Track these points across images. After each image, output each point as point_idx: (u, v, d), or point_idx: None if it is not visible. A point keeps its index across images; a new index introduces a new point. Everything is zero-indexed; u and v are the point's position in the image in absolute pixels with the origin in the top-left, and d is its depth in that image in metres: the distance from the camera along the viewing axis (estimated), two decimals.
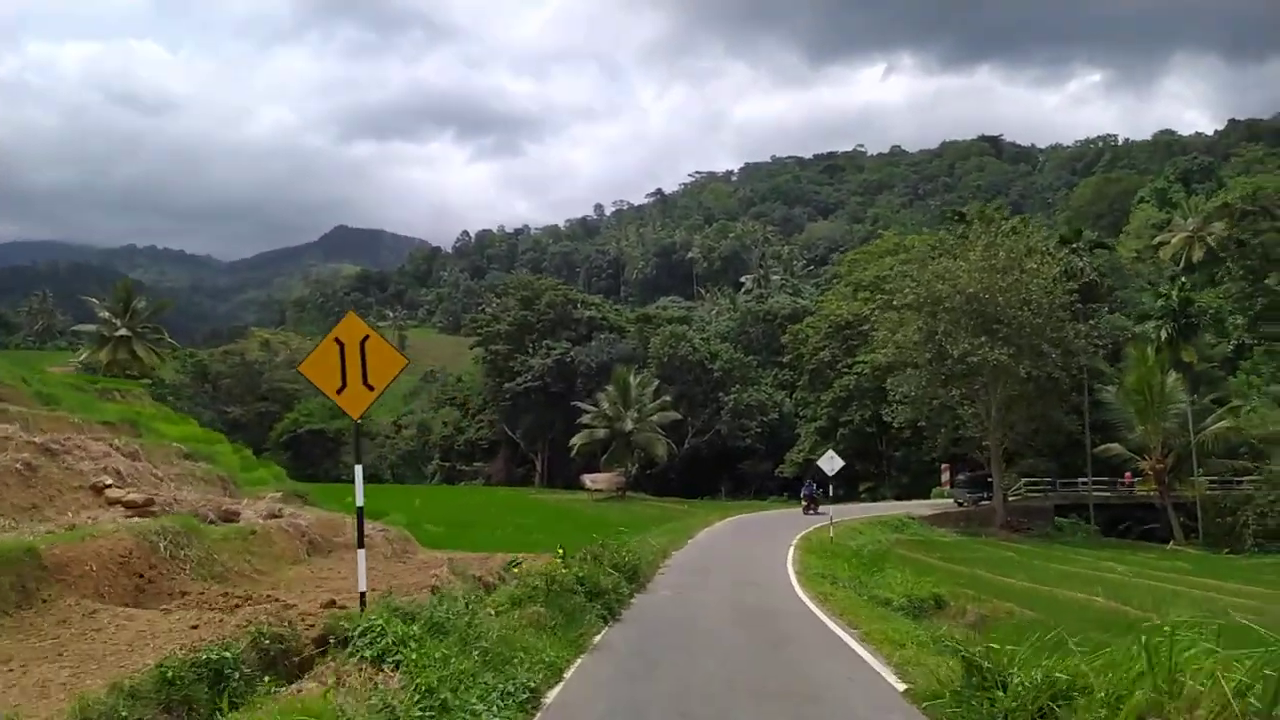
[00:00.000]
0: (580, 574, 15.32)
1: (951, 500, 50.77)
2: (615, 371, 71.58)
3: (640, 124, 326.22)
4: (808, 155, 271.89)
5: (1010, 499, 47.52)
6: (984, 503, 46.45)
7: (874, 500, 72.66)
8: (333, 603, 10.82)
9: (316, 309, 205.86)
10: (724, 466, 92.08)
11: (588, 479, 67.72)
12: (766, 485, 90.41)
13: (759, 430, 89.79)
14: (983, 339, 42.46)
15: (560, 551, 17.06)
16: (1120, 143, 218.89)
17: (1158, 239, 76.17)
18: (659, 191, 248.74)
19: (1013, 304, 42.67)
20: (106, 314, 76.57)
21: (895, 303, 46.24)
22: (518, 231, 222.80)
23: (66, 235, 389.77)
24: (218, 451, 33.09)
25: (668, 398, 72.38)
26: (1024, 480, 49.97)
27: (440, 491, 76.69)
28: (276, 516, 16.68)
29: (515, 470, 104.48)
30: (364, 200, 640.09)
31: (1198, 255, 72.93)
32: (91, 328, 78.46)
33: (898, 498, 70.50)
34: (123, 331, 75.96)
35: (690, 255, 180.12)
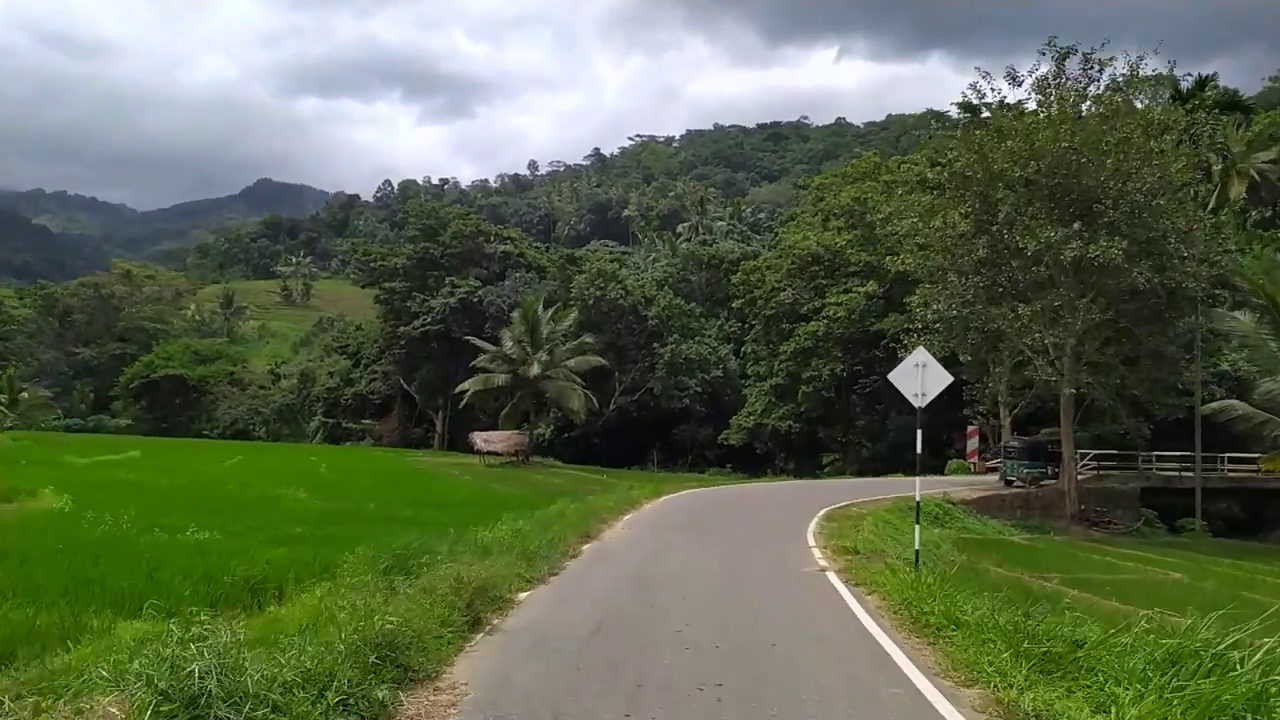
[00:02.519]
0: None
1: (989, 476, 34.46)
2: (524, 301, 53.80)
3: (595, 94, 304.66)
4: (752, 125, 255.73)
5: (1079, 478, 31.14)
6: (1047, 482, 30.23)
7: (839, 475, 56.47)
8: None
9: (221, 255, 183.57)
10: (657, 431, 75.26)
11: (479, 438, 50.14)
12: (705, 455, 73.76)
13: (699, 390, 72.96)
14: (1075, 227, 25.95)
15: None
16: None
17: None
18: (596, 151, 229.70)
19: (1119, 176, 26.29)
20: None
21: (930, 177, 29.32)
22: (444, 182, 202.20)
23: None
24: None
25: (589, 338, 54.89)
26: (1091, 453, 33.54)
27: (288, 451, 58.04)
28: None
29: (411, 430, 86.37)
30: (302, 157, 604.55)
31: (1236, 191, 57.61)
32: None
33: (862, 473, 54.57)
34: None
35: (626, 212, 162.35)
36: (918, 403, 13.55)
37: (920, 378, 13.46)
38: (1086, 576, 18.06)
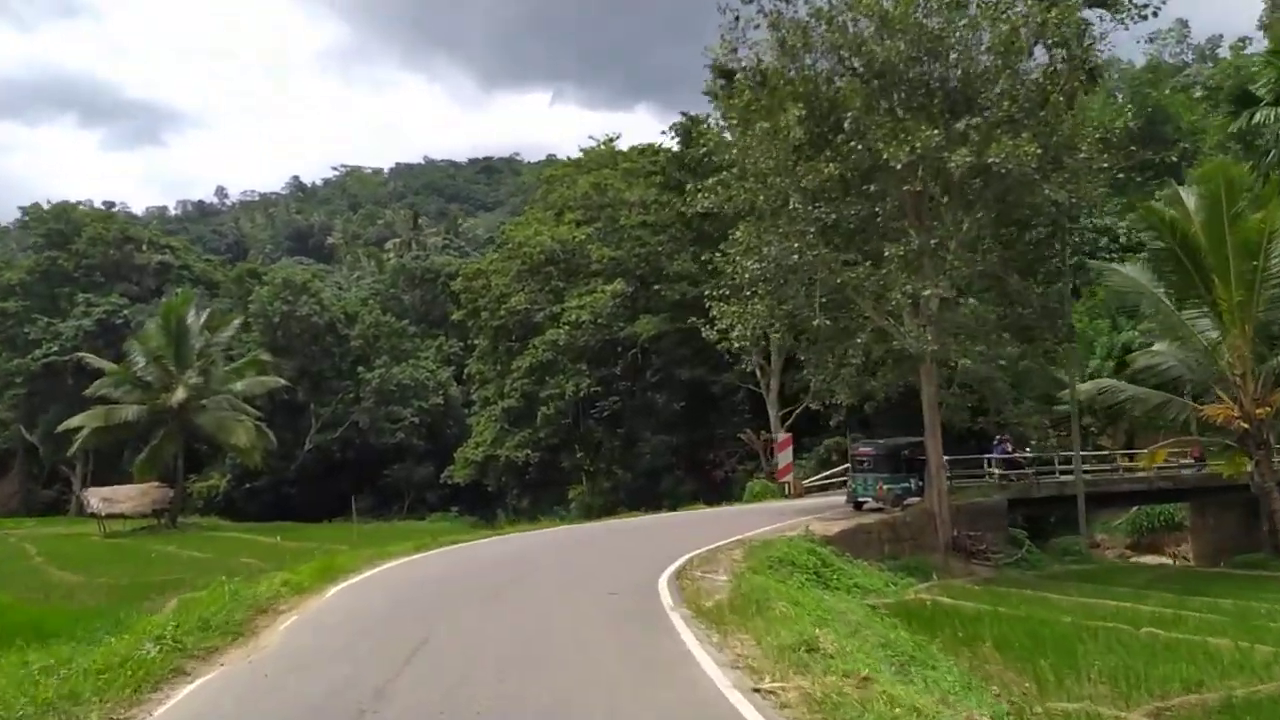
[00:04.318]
0: None
1: (811, 500, 24.90)
2: (163, 304, 38.62)
3: (302, 128, 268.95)
4: (464, 160, 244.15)
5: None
6: (911, 501, 21.18)
7: (589, 516, 46.00)
8: None
9: None
10: (367, 474, 61.05)
11: (94, 498, 34.21)
12: (425, 498, 60.65)
13: (415, 421, 60.07)
14: (961, 127, 17.25)
15: None
16: None
17: None
18: (296, 179, 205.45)
19: (1008, 58, 18.10)
20: None
21: (743, 70, 19.54)
22: (110, 206, 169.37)
23: None
24: None
25: (266, 354, 40.59)
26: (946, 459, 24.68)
27: None
28: None
29: (39, 493, 65.27)
30: None
31: None
32: None
33: (612, 510, 45.06)
34: None
35: (331, 240, 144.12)
36: None
37: None
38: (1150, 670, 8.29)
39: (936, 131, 16.99)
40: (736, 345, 20.85)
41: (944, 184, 17.91)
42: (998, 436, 24.12)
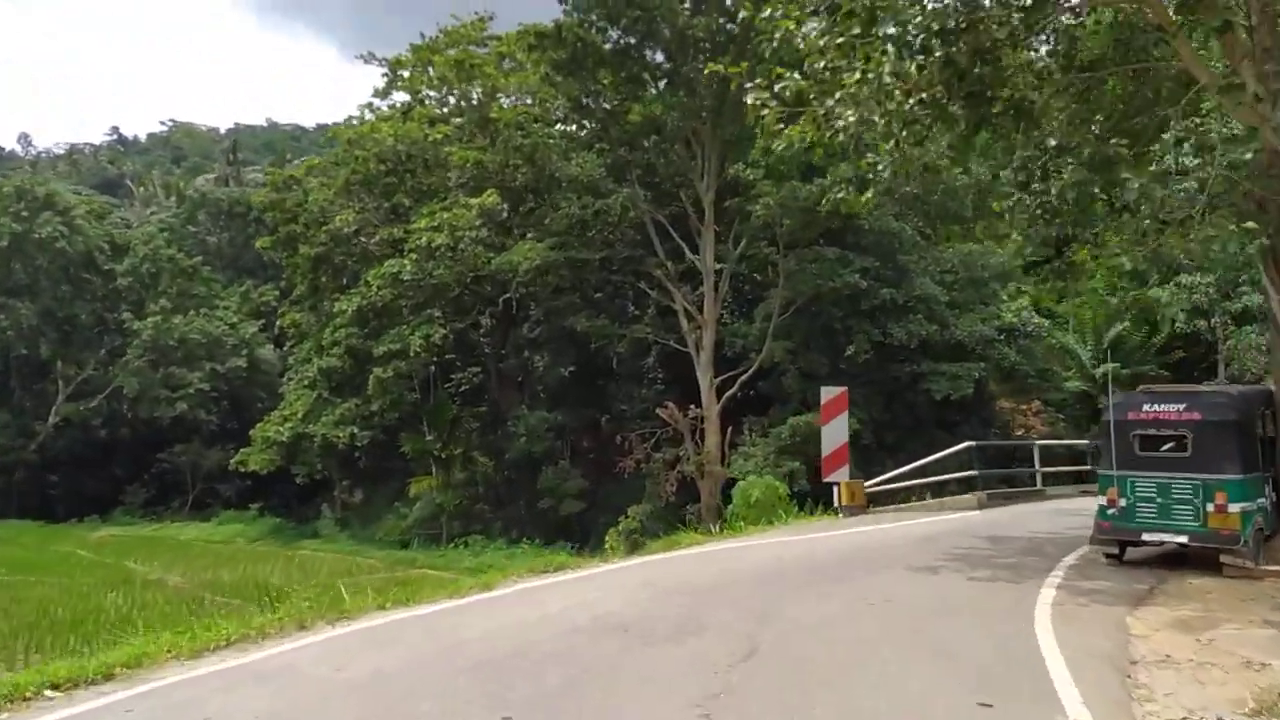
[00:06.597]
0: None
1: (887, 524, 11.91)
2: None
3: (144, 86, 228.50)
4: (311, 125, 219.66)
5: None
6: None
7: (437, 518, 32.30)
8: None
9: None
10: (141, 456, 44.67)
11: None
12: (217, 490, 44.59)
13: (206, 389, 43.94)
14: None
15: None
16: None
17: None
18: (116, 130, 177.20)
19: None
20: None
21: None
22: None
23: None
24: None
25: None
26: None
27: None
28: None
29: None
30: None
31: None
32: None
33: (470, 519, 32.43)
34: None
35: (144, 190, 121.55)
36: None
37: None
38: None
39: None
40: (845, 132, 7.96)
41: None
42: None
